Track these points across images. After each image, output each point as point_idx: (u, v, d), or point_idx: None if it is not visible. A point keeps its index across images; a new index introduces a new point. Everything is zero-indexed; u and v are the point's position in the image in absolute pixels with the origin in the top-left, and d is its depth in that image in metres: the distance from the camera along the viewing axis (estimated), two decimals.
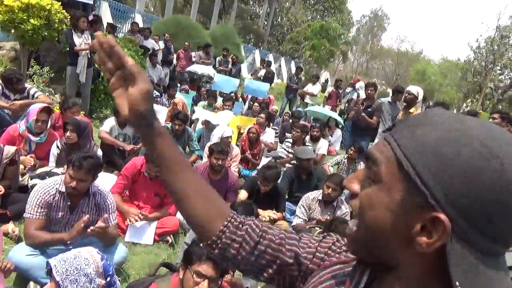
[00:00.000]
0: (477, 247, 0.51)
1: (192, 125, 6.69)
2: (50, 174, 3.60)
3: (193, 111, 7.20)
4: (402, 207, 0.54)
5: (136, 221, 3.41)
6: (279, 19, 32.18)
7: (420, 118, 0.56)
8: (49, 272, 1.77)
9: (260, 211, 3.84)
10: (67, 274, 1.70)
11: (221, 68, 11.54)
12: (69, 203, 2.63)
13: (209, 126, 6.03)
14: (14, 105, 4.31)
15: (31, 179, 3.60)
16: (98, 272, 1.78)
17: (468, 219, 0.50)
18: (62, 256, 1.77)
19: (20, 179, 3.52)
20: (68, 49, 5.99)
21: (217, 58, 11.95)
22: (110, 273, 1.84)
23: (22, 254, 2.44)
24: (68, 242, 2.56)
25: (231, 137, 5.26)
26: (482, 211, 0.49)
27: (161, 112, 6.42)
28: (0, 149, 3.19)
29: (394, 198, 0.55)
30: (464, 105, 32.90)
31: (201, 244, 0.85)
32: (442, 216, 0.50)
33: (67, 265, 1.72)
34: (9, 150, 3.26)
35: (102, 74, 6.62)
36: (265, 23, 29.20)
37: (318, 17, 30.49)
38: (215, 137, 5.41)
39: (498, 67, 28.71)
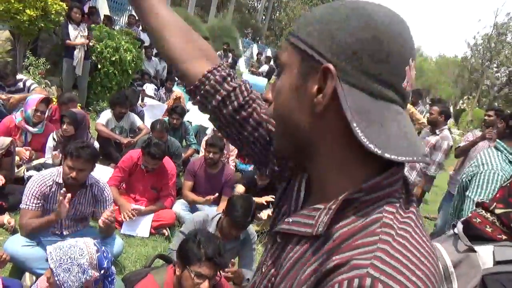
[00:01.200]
0: (366, 89, 0.55)
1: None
2: (46, 166, 3.59)
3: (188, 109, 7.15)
4: (301, 78, 0.59)
5: (130, 218, 3.41)
6: (277, 14, 32.06)
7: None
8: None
9: (257, 198, 3.87)
10: (61, 262, 1.72)
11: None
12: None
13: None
14: (12, 98, 4.28)
15: (27, 171, 3.59)
16: (92, 264, 1.79)
17: (348, 60, 0.55)
18: (59, 244, 1.79)
19: (16, 170, 3.51)
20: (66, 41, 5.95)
21: (218, 53, 11.91)
22: (105, 266, 1.85)
23: (17, 245, 2.44)
24: (64, 233, 2.57)
25: None
26: (359, 50, 0.55)
27: (160, 108, 6.40)
28: None
29: (293, 74, 0.60)
30: (461, 101, 33.01)
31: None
32: (326, 64, 0.55)
33: (62, 253, 1.74)
34: (4, 141, 3.25)
35: (99, 66, 6.59)
36: (263, 17, 29.07)
37: None
38: (209, 131, 5.41)
39: (495, 65, 28.79)
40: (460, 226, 1.39)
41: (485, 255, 1.31)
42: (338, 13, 0.57)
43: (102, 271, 1.83)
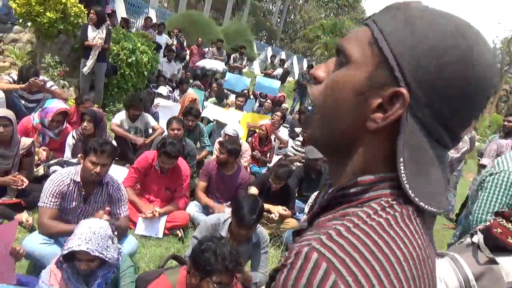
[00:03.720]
0: (428, 129, 0.52)
1: (203, 121, 6.72)
2: (68, 163, 3.67)
3: (204, 107, 7.24)
4: (367, 84, 0.54)
5: (154, 215, 3.46)
6: (292, 17, 32.08)
7: (401, 4, 0.57)
8: (64, 259, 1.99)
9: (270, 206, 3.86)
10: (101, 246, 1.96)
11: (236, 65, 11.56)
12: (83, 193, 2.68)
13: (220, 122, 6.05)
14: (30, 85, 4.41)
15: (48, 168, 3.66)
16: (112, 230, 2.12)
17: (427, 95, 0.51)
18: (83, 237, 1.95)
19: (35, 170, 3.59)
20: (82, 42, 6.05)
21: (232, 55, 11.96)
22: (113, 227, 2.17)
23: (35, 243, 2.49)
24: None
25: (237, 136, 5.20)
26: (442, 89, 0.51)
27: (173, 108, 6.46)
28: (18, 140, 3.26)
29: (362, 76, 0.55)
30: None
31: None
32: (403, 89, 0.51)
33: (96, 240, 1.96)
34: (26, 141, 3.34)
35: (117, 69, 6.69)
36: (278, 20, 29.12)
37: (332, 14, 30.29)
38: (223, 134, 5.42)
39: None
40: (480, 236, 1.36)
41: (508, 267, 1.27)
42: (437, 32, 0.51)
43: (115, 232, 2.17)
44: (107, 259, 1.98)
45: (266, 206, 3.79)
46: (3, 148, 3.16)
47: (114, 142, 4.26)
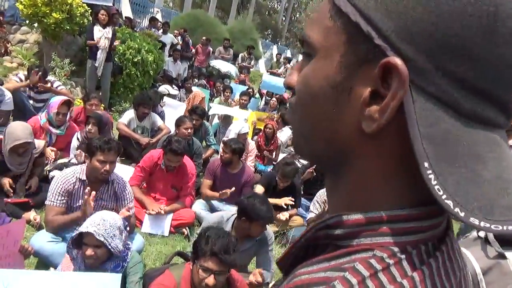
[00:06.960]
0: (452, 104, 0.33)
1: (209, 120, 6.74)
2: (68, 165, 3.70)
3: (209, 107, 7.26)
4: (344, 70, 0.36)
5: (159, 212, 3.49)
6: (297, 15, 32.02)
7: None
8: (72, 244, 2.09)
9: (276, 200, 3.87)
10: (108, 233, 2.04)
11: (244, 64, 11.61)
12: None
13: (226, 121, 6.07)
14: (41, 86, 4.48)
15: (49, 172, 3.70)
16: (123, 224, 2.20)
17: (431, 53, 0.32)
18: (93, 222, 2.06)
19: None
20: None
21: (240, 55, 12.00)
22: (126, 224, 2.29)
23: (43, 241, 2.52)
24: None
25: (247, 133, 5.27)
26: (457, 42, 0.31)
27: (179, 108, 6.49)
28: (33, 147, 3.31)
29: (333, 61, 0.37)
30: None
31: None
32: (395, 59, 0.32)
33: (104, 226, 2.05)
34: (39, 144, 3.41)
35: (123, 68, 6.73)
36: (283, 18, 29.08)
37: None
38: (231, 133, 5.43)
39: None
40: None
41: None
42: None
43: (128, 228, 2.30)
44: (110, 246, 2.03)
45: (272, 200, 3.80)
46: (20, 158, 3.20)
47: None
